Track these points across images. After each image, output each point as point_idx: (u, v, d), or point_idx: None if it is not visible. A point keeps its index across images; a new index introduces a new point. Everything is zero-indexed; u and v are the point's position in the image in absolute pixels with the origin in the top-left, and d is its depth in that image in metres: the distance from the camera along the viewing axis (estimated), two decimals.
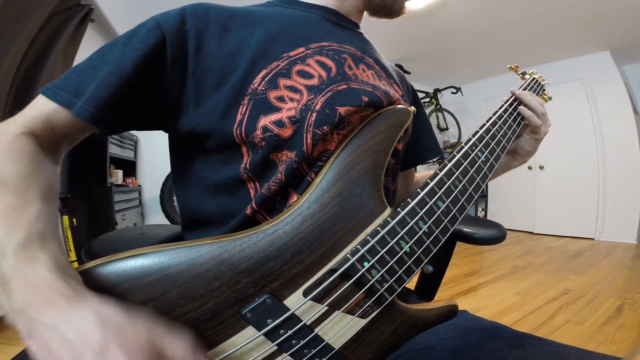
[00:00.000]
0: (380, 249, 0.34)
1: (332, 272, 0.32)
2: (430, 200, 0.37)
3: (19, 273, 0.25)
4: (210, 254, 0.30)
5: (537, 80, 0.67)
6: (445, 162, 0.41)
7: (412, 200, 0.37)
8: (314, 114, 0.39)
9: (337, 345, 0.33)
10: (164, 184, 2.98)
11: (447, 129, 4.37)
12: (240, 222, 0.39)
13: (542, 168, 4.05)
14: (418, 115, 0.59)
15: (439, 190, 0.38)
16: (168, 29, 0.38)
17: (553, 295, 1.94)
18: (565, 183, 3.84)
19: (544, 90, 0.69)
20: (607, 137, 3.57)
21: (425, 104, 4.18)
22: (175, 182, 0.47)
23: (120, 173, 2.73)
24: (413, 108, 0.44)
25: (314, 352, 0.32)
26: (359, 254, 0.33)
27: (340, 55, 0.45)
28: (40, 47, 1.65)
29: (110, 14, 2.29)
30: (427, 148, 0.63)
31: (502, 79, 4.31)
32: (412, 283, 0.46)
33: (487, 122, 0.49)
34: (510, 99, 0.58)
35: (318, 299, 0.32)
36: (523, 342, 0.40)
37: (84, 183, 2.28)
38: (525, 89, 0.61)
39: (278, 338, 0.30)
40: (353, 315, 0.33)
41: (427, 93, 4.22)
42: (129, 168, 2.95)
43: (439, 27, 3.01)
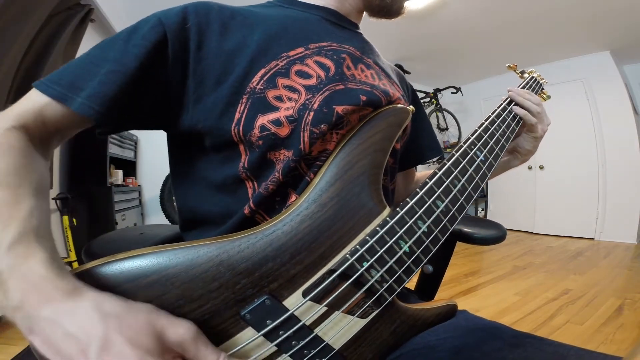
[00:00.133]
0: (380, 249, 0.34)
1: (331, 272, 0.32)
2: (429, 200, 0.37)
3: (15, 269, 0.25)
4: (209, 255, 0.30)
5: (535, 79, 0.67)
6: (445, 161, 0.41)
7: (411, 200, 0.36)
8: (312, 113, 0.39)
9: (337, 346, 0.33)
10: (164, 184, 2.98)
11: (447, 129, 4.37)
12: (239, 222, 0.39)
13: (542, 168, 4.05)
14: (418, 115, 0.59)
15: (438, 190, 0.38)
16: (170, 27, 0.37)
17: (553, 295, 1.94)
18: (565, 183, 3.84)
19: (543, 89, 0.69)
20: (607, 137, 3.57)
21: (425, 104, 4.18)
22: (174, 181, 0.47)
23: (120, 173, 2.73)
24: (412, 107, 0.43)
25: (314, 352, 0.32)
26: (358, 254, 0.33)
27: (340, 55, 0.45)
28: (40, 47, 1.65)
29: (110, 14, 2.29)
30: (427, 148, 0.63)
31: (502, 79, 4.31)
32: (412, 283, 0.46)
33: (485, 121, 0.49)
34: (509, 98, 0.58)
35: (317, 300, 0.32)
36: (523, 342, 0.40)
37: (84, 183, 2.28)
38: (524, 88, 0.61)
39: (277, 339, 0.30)
40: (353, 316, 0.33)
41: (427, 93, 4.22)
42: (129, 168, 2.95)
43: (439, 27, 3.01)
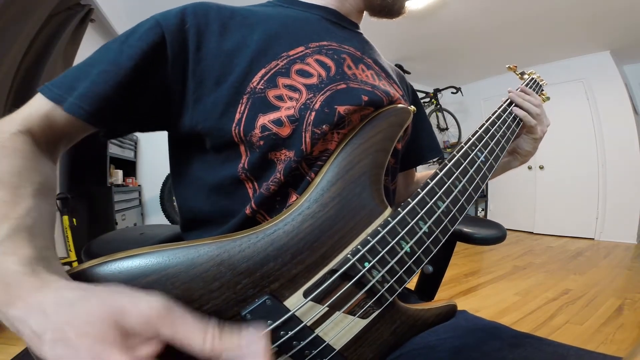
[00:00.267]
0: (381, 249, 0.34)
1: (332, 272, 0.32)
2: (431, 200, 0.37)
3: None
4: (210, 254, 0.30)
5: (535, 80, 0.67)
6: (445, 162, 0.41)
7: (412, 200, 0.36)
8: (313, 113, 0.39)
9: (337, 346, 0.32)
10: (164, 184, 2.98)
11: (447, 129, 4.37)
12: (240, 222, 0.39)
13: (542, 168, 4.05)
14: (418, 115, 0.59)
15: (439, 190, 0.38)
16: (168, 28, 0.37)
17: (553, 295, 1.94)
18: (565, 183, 3.84)
19: (542, 90, 0.69)
20: (607, 137, 3.57)
21: (425, 104, 4.18)
22: (175, 182, 0.47)
23: (120, 173, 2.73)
24: (413, 107, 0.43)
25: (315, 353, 0.32)
26: (360, 254, 0.33)
27: (340, 55, 0.44)
28: (40, 47, 1.65)
29: (110, 14, 2.29)
30: (427, 148, 0.63)
31: (502, 79, 4.31)
32: (412, 283, 0.45)
33: (486, 122, 0.50)
34: (509, 100, 0.58)
35: (318, 300, 0.32)
36: (523, 342, 0.40)
37: (84, 183, 2.28)
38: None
39: (278, 339, 0.30)
40: (354, 316, 0.33)
41: (427, 93, 4.22)
42: (129, 168, 2.95)
43: (439, 27, 3.01)
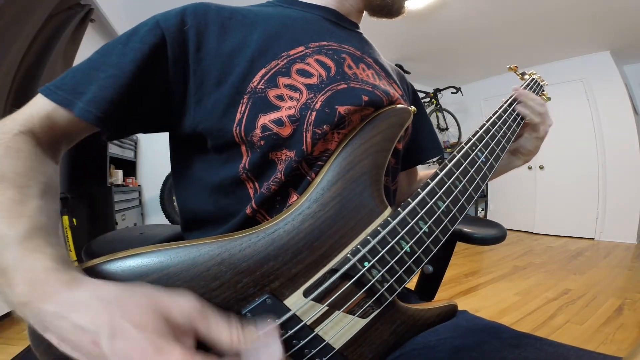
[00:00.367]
0: (381, 249, 0.34)
1: (332, 272, 0.32)
2: (431, 200, 0.37)
3: (23, 264, 0.25)
4: (210, 254, 0.30)
5: (536, 81, 0.67)
6: (446, 162, 0.41)
7: (412, 200, 0.36)
8: (314, 113, 0.39)
9: (337, 345, 0.33)
10: (164, 184, 2.98)
11: (447, 129, 4.37)
12: (240, 221, 0.39)
13: (542, 168, 4.05)
14: (418, 115, 0.59)
15: (439, 190, 0.38)
16: (168, 29, 0.38)
17: (553, 295, 1.94)
18: (565, 183, 3.84)
19: (543, 91, 0.69)
20: (607, 137, 3.57)
21: (425, 104, 4.18)
22: (175, 182, 0.47)
23: (120, 173, 2.73)
24: (413, 108, 0.43)
25: (314, 352, 0.32)
26: (360, 254, 0.33)
27: (340, 55, 0.44)
28: (40, 47, 1.65)
29: (110, 14, 2.29)
30: (428, 147, 0.63)
31: (502, 79, 4.31)
32: (412, 283, 0.46)
33: (486, 122, 0.50)
34: (510, 99, 0.58)
35: (318, 299, 0.32)
36: (523, 342, 0.40)
37: (84, 183, 2.26)
38: (525, 90, 0.61)
39: None
40: (353, 315, 0.33)
41: (427, 93, 4.22)
42: (129, 168, 2.95)
43: (439, 27, 3.01)
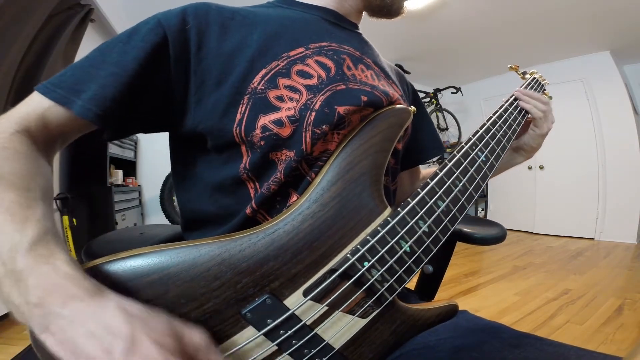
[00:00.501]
0: (380, 249, 0.34)
1: (332, 271, 0.32)
2: (430, 200, 0.37)
3: (36, 268, 0.24)
4: (211, 254, 0.30)
5: (537, 80, 0.67)
6: (446, 161, 0.41)
7: (412, 200, 0.37)
8: (313, 113, 0.39)
9: (337, 345, 0.33)
10: (164, 184, 2.98)
11: (447, 129, 4.36)
12: (241, 222, 0.39)
13: (542, 168, 4.05)
14: (419, 114, 0.59)
15: (439, 190, 0.38)
16: (170, 28, 0.37)
17: (553, 295, 1.94)
18: (565, 183, 3.84)
19: (544, 90, 0.69)
20: (607, 137, 3.57)
21: (425, 104, 4.16)
22: (176, 182, 0.47)
23: (120, 173, 2.73)
24: (413, 108, 0.44)
25: (314, 352, 0.32)
26: (359, 254, 0.33)
27: (340, 56, 0.45)
28: (40, 47, 1.65)
29: (110, 14, 2.29)
30: (428, 147, 0.63)
31: (502, 79, 4.31)
32: (412, 283, 0.46)
33: (487, 121, 0.50)
34: (511, 99, 0.58)
35: (318, 299, 0.32)
36: (523, 342, 0.40)
37: (84, 183, 2.28)
38: (526, 89, 0.62)
39: (278, 338, 0.30)
40: (353, 315, 0.33)
41: (427, 93, 4.22)
42: (129, 168, 2.95)
43: (439, 27, 3.01)
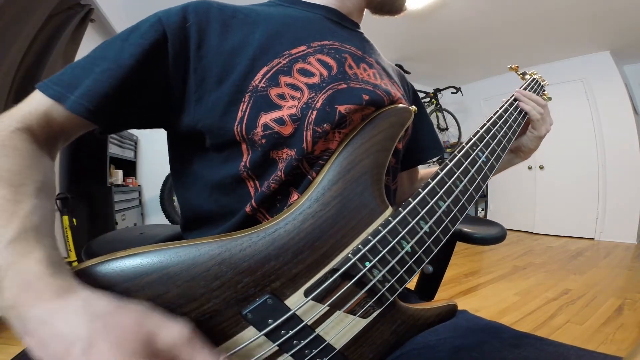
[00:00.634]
0: (382, 249, 0.34)
1: (333, 271, 0.32)
2: (432, 200, 0.37)
3: (11, 267, 0.24)
4: (211, 253, 0.30)
5: (537, 81, 0.67)
6: (447, 161, 0.41)
7: (413, 200, 0.36)
8: (315, 112, 0.39)
9: (338, 346, 0.33)
10: (164, 184, 2.98)
11: (447, 129, 4.36)
12: (240, 220, 0.39)
13: (542, 168, 4.05)
14: (419, 115, 0.59)
15: (440, 190, 0.38)
16: (169, 26, 0.37)
17: (553, 295, 1.94)
18: (565, 183, 3.84)
19: (544, 91, 0.69)
20: (607, 137, 3.57)
21: (425, 104, 4.17)
22: (175, 181, 0.47)
23: (120, 173, 2.73)
24: (414, 107, 0.44)
25: (315, 352, 0.32)
26: (361, 254, 0.33)
27: (341, 55, 0.44)
28: (40, 47, 1.65)
29: (110, 14, 2.29)
30: (428, 147, 0.63)
31: (502, 79, 4.31)
32: (412, 283, 0.46)
33: (487, 121, 0.50)
34: (511, 99, 0.58)
35: (319, 299, 0.32)
36: (523, 342, 0.40)
37: (84, 183, 2.28)
38: (526, 89, 0.62)
39: (279, 338, 0.30)
40: (354, 315, 0.33)
41: (427, 93, 4.22)
42: (129, 168, 2.95)
43: (439, 27, 3.01)
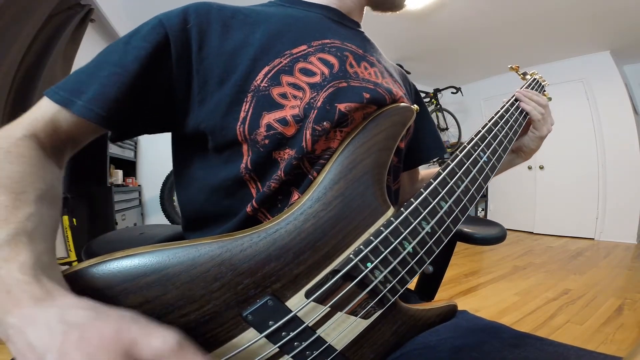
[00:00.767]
0: (384, 250, 0.33)
1: (334, 272, 0.32)
2: (433, 200, 0.37)
3: None
4: (210, 254, 0.30)
5: (537, 81, 0.67)
6: (448, 161, 0.41)
7: (415, 200, 0.36)
8: (315, 111, 0.39)
9: (339, 347, 0.32)
10: (164, 184, 2.97)
11: (447, 129, 4.36)
12: (241, 220, 0.39)
13: (542, 168, 4.05)
14: (420, 114, 0.59)
15: (442, 190, 0.38)
16: (171, 28, 0.37)
17: (553, 295, 1.94)
18: (565, 183, 3.84)
19: (544, 91, 0.69)
20: (607, 137, 3.57)
21: (426, 104, 4.17)
22: (177, 182, 0.47)
23: (120, 173, 2.72)
24: (416, 106, 0.43)
25: (316, 353, 0.31)
26: (362, 255, 0.33)
27: (343, 53, 0.44)
28: (40, 47, 1.65)
29: (110, 14, 2.28)
30: (430, 147, 0.63)
31: (502, 79, 4.31)
32: (412, 283, 0.45)
33: (489, 122, 0.49)
34: (512, 99, 0.58)
35: (320, 300, 0.31)
36: (523, 342, 0.40)
37: (84, 183, 2.27)
38: (527, 90, 0.61)
39: (280, 340, 0.30)
40: (355, 317, 0.33)
41: (427, 93, 4.22)
42: (129, 168, 2.95)
43: (439, 27, 3.01)
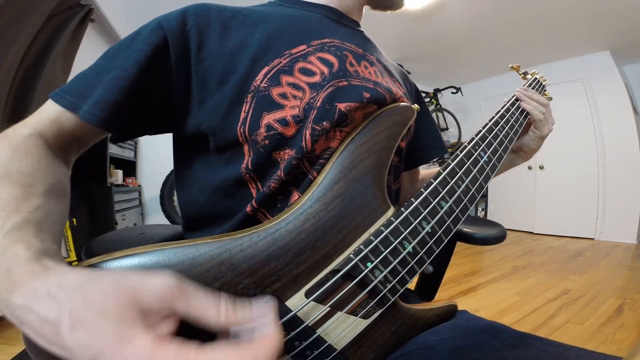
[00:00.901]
0: (384, 249, 0.33)
1: (334, 272, 0.32)
2: (434, 200, 0.37)
3: (3, 255, 0.24)
4: (210, 254, 0.30)
5: (538, 81, 0.67)
6: (449, 161, 0.41)
7: (415, 200, 0.36)
8: (315, 111, 0.39)
9: (339, 346, 0.32)
10: (164, 184, 2.97)
11: (447, 129, 4.36)
12: (241, 220, 0.39)
13: (542, 168, 4.05)
14: (421, 114, 0.59)
15: (442, 190, 0.38)
16: (170, 30, 0.38)
17: (553, 295, 1.94)
18: (565, 183, 3.84)
19: (545, 91, 0.69)
20: (607, 137, 3.57)
21: (426, 104, 4.17)
22: (178, 182, 0.47)
23: (120, 173, 2.72)
24: (416, 106, 0.43)
25: (316, 353, 0.31)
26: (362, 254, 0.33)
27: (342, 52, 0.44)
28: (40, 47, 1.65)
29: (110, 14, 2.28)
30: (431, 146, 0.63)
31: (502, 79, 4.31)
32: (412, 283, 0.45)
33: (489, 121, 0.49)
34: (512, 99, 0.58)
35: (320, 300, 0.31)
36: (523, 342, 0.40)
37: (84, 183, 2.27)
38: (527, 89, 0.61)
39: None
40: (355, 316, 0.33)
41: (427, 93, 4.22)
42: (129, 168, 2.95)
43: (439, 27, 3.01)
